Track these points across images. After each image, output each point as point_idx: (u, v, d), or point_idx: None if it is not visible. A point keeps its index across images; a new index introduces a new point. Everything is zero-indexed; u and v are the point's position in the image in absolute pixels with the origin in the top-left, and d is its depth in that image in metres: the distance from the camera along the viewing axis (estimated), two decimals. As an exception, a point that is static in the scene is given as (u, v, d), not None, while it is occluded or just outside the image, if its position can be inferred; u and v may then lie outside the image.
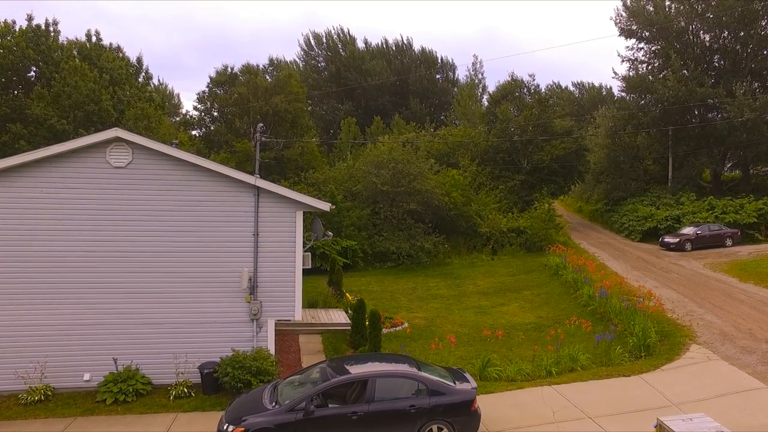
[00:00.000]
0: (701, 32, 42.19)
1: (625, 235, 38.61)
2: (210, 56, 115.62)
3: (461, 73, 75.70)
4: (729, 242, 33.00)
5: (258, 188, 14.65)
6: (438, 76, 71.74)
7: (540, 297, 24.85)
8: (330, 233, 20.35)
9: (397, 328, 20.37)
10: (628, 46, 44.98)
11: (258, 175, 15.51)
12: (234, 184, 14.65)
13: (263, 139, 24.62)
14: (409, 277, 30.24)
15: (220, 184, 14.64)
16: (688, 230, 33.60)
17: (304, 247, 15.45)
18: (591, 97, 76.78)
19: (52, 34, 34.55)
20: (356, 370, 11.49)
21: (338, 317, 21.00)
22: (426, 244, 33.10)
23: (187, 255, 14.52)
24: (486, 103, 54.58)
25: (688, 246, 32.34)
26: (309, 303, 22.86)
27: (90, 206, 14.08)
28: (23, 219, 13.79)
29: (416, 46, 72.13)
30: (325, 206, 15.16)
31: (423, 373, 11.43)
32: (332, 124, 62.95)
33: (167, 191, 14.45)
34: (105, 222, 14.15)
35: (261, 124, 26.83)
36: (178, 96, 73.68)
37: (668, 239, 33.30)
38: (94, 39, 36.40)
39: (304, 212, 15.36)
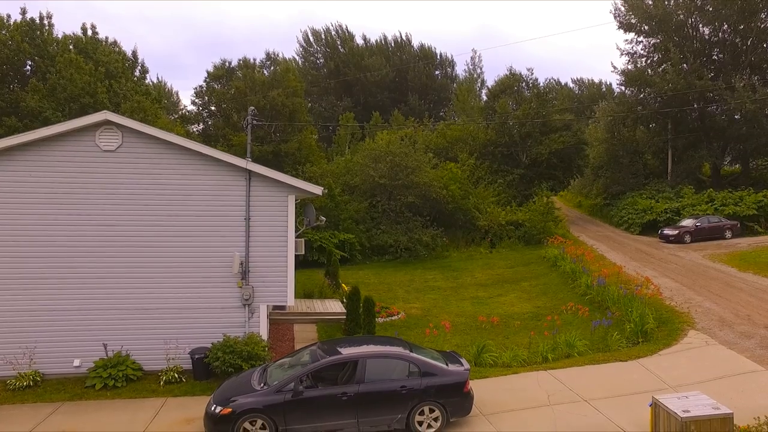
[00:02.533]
0: (700, 25, 41.93)
1: (625, 228, 38.41)
2: (207, 55, 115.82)
3: (460, 68, 75.46)
4: (728, 234, 32.75)
5: (249, 172, 14.47)
6: (437, 72, 71.50)
7: (538, 288, 24.66)
8: (323, 218, 20.16)
9: (393, 318, 20.21)
10: (627, 40, 44.85)
11: (250, 159, 15.37)
12: (225, 167, 14.48)
13: (255, 122, 24.39)
14: (406, 270, 30.06)
15: (212, 168, 14.47)
16: (687, 222, 33.39)
17: (296, 232, 15.28)
18: (591, 94, 76.55)
19: (46, 27, 34.42)
20: (347, 351, 11.32)
21: (334, 307, 20.82)
22: (424, 237, 32.88)
23: (178, 239, 14.36)
24: (485, 98, 54.33)
25: (688, 238, 32.12)
26: (305, 293, 22.76)
27: (79, 190, 13.92)
28: (11, 203, 13.64)
29: (415, 43, 72.01)
30: (317, 190, 14.97)
31: (414, 354, 11.25)
32: (331, 121, 62.73)
33: (158, 175, 14.29)
34: (95, 206, 14.00)
35: (252, 107, 26.59)
36: (177, 94, 73.43)
37: (667, 231, 33.09)
38: (89, 32, 36.25)
39: (298, 198, 15.21)
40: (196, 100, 44.64)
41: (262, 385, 10.82)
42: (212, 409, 10.51)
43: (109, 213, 14.05)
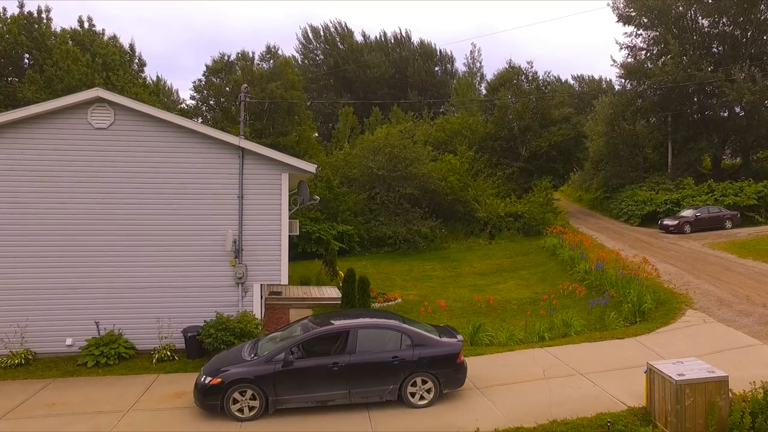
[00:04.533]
0: (700, 17, 41.72)
1: (624, 219, 38.20)
2: (207, 56, 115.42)
3: (459, 62, 75.21)
4: (728, 224, 32.54)
5: (243, 149, 14.38)
6: (437, 69, 71.38)
7: (536, 275, 24.51)
8: (317, 197, 20.01)
9: (390, 303, 20.07)
10: (626, 33, 44.56)
11: (243, 136, 15.26)
12: (218, 145, 14.39)
13: (248, 100, 24.28)
14: (405, 261, 29.95)
15: (205, 146, 14.38)
16: (687, 213, 33.19)
17: (290, 211, 15.17)
18: (591, 90, 76.40)
19: (44, 21, 34.37)
20: (339, 322, 11.19)
21: (330, 292, 20.74)
22: (423, 229, 32.75)
23: (171, 218, 14.26)
24: (484, 92, 54.23)
25: (687, 228, 31.92)
26: (302, 281, 22.71)
27: (71, 168, 13.84)
28: (2, 181, 13.54)
29: (414, 39, 71.90)
30: (310, 168, 14.86)
31: (407, 325, 11.12)
32: (331, 118, 62.68)
33: (150, 153, 14.20)
34: (87, 184, 13.91)
35: (245, 85, 26.47)
36: (177, 92, 73.30)
37: (667, 222, 32.90)
38: (86, 25, 36.20)
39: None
40: (195, 95, 44.66)
41: (252, 356, 10.70)
42: (202, 380, 10.40)
43: (102, 191, 13.95)
